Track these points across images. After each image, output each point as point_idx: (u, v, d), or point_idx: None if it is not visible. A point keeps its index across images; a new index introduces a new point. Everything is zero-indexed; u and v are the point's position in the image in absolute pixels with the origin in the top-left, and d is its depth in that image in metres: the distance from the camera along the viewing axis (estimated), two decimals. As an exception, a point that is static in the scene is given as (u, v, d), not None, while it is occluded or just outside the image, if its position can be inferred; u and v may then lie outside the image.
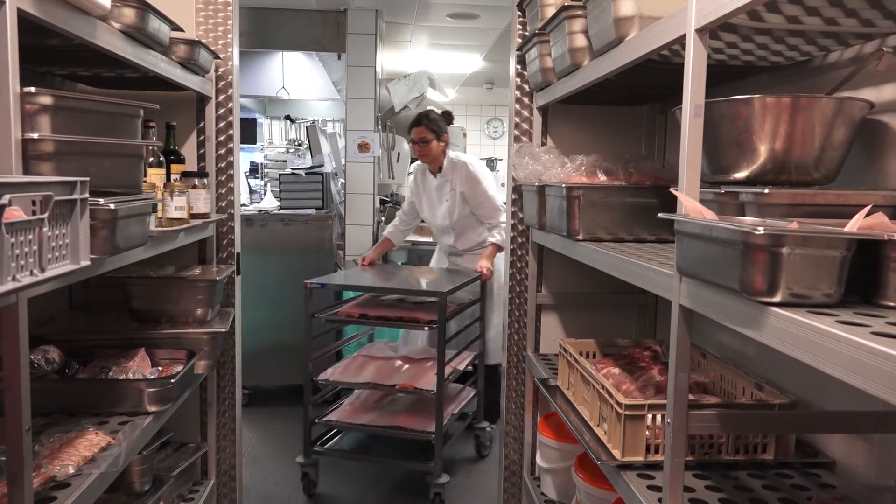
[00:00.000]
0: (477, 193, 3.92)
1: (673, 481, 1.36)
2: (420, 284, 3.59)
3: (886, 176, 1.53)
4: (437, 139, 3.92)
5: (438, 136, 3.92)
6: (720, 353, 2.10)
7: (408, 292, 3.45)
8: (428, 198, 4.09)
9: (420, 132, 3.90)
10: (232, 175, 2.83)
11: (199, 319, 2.44)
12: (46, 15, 1.41)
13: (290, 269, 4.60)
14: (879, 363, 0.80)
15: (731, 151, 1.48)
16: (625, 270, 1.71)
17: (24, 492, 1.32)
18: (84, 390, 1.99)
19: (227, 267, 2.74)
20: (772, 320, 1.03)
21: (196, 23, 2.72)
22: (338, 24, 5.31)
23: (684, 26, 1.33)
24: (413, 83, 5.51)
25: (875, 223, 1.04)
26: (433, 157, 3.96)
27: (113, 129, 1.70)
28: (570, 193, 2.10)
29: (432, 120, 3.92)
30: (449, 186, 3.98)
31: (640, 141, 2.85)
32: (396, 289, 3.47)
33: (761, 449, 1.69)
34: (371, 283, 3.62)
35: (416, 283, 3.62)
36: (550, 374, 2.48)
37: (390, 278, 3.75)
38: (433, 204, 4.07)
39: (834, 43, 1.60)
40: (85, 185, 1.30)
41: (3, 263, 1.04)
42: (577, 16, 2.03)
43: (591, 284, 2.84)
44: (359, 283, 3.64)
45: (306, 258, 4.75)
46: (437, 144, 3.92)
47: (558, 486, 2.62)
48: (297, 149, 7.41)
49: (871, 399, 0.84)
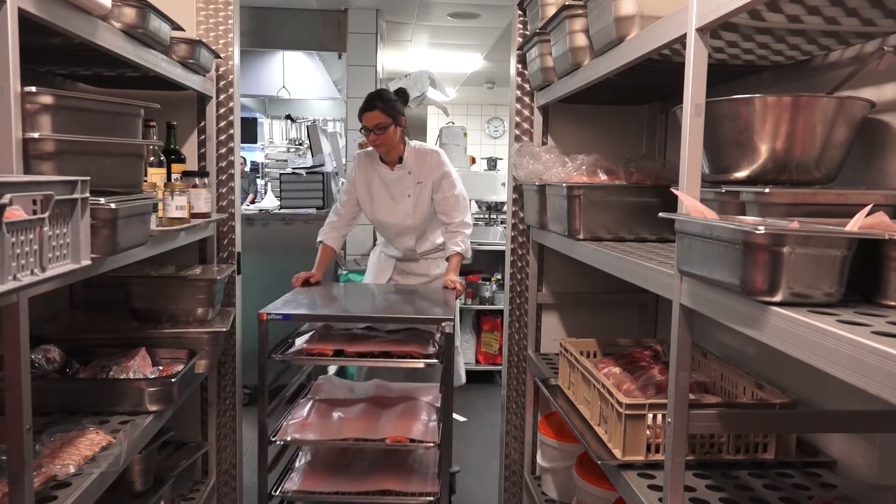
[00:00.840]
0: (448, 187, 3.21)
1: (673, 481, 1.36)
2: (407, 308, 2.84)
3: (887, 175, 1.53)
4: (394, 124, 3.08)
5: (396, 119, 3.09)
6: (721, 352, 2.10)
7: (408, 320, 2.67)
8: (381, 194, 3.26)
9: (374, 117, 3.05)
10: (232, 175, 2.83)
11: (199, 319, 2.45)
12: (47, 14, 1.41)
13: (291, 268, 4.57)
14: (880, 362, 0.80)
15: (732, 151, 1.48)
16: (625, 270, 1.71)
17: (25, 491, 1.32)
18: (85, 389, 1.99)
19: (228, 266, 2.74)
20: (772, 320, 1.03)
21: (197, 22, 2.73)
22: (338, 23, 5.32)
23: (685, 26, 1.33)
24: (414, 82, 5.51)
25: (876, 222, 1.04)
26: (392, 146, 3.15)
27: (113, 129, 1.70)
28: (570, 193, 2.10)
29: (387, 101, 3.09)
30: (412, 179, 3.21)
31: (640, 140, 2.85)
32: (395, 317, 2.66)
33: (762, 448, 1.69)
34: (352, 312, 2.76)
35: (401, 308, 2.86)
36: (551, 374, 2.48)
37: (363, 303, 2.98)
38: (390, 201, 3.25)
39: (835, 42, 1.60)
40: (85, 184, 1.30)
41: (4, 263, 1.04)
42: (577, 15, 2.03)
43: (591, 284, 2.83)
44: (333, 311, 2.76)
45: (307, 258, 4.72)
46: (395, 130, 3.10)
47: (559, 486, 2.62)
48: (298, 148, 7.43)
49: (871, 398, 0.84)
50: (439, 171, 3.20)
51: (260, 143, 8.07)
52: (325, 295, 2.97)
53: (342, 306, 2.87)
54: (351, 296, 3.12)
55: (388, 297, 3.07)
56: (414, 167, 3.21)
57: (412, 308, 2.82)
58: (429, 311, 2.61)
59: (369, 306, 2.90)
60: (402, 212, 3.24)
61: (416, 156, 3.22)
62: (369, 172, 3.27)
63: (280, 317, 2.40)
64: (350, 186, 3.31)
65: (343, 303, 2.95)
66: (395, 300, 3.01)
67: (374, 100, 3.08)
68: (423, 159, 3.22)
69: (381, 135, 3.07)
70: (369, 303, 2.96)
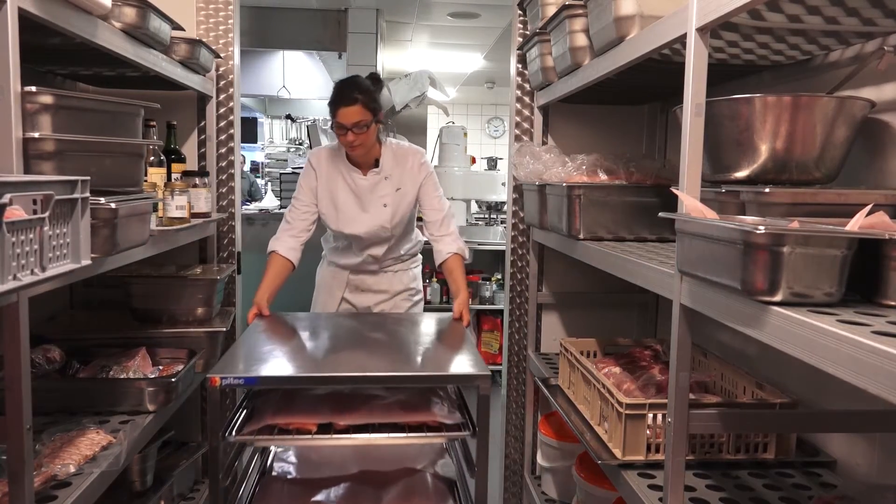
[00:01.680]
0: (433, 188, 2.66)
1: (674, 480, 1.36)
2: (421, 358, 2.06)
3: (887, 175, 1.53)
4: (375, 120, 2.48)
5: (376, 114, 2.49)
6: (721, 352, 2.10)
7: (428, 379, 1.96)
8: (349, 204, 2.62)
9: (354, 114, 2.41)
10: (233, 174, 2.83)
11: (199, 318, 2.44)
12: (47, 14, 1.41)
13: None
14: (880, 362, 0.80)
15: (732, 150, 1.48)
16: (626, 269, 1.71)
17: (25, 490, 1.33)
18: (85, 389, 1.99)
19: (228, 266, 2.74)
20: (773, 319, 1.03)
21: (197, 22, 2.73)
22: (338, 23, 5.32)
23: (685, 25, 1.33)
24: (414, 82, 5.51)
25: (876, 222, 1.04)
26: (369, 147, 2.55)
27: (114, 129, 1.69)
28: (571, 192, 2.10)
29: (368, 92, 2.46)
30: (390, 185, 2.61)
31: (640, 140, 2.85)
32: (409, 376, 1.88)
33: (762, 448, 1.68)
34: (345, 365, 1.95)
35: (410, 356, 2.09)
36: (551, 374, 2.48)
37: (353, 348, 2.13)
38: (361, 213, 2.62)
39: (835, 42, 1.60)
40: (86, 184, 1.30)
41: (4, 262, 1.04)
42: (577, 15, 2.02)
43: (591, 283, 2.83)
44: (317, 367, 1.96)
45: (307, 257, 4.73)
46: (374, 128, 2.50)
47: (559, 486, 2.62)
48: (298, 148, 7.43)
49: (871, 398, 0.84)
50: (423, 173, 2.64)
51: (260, 142, 8.07)
52: (295, 336, 2.28)
53: (327, 357, 2.10)
54: (331, 335, 2.30)
55: (382, 337, 2.28)
56: (393, 171, 2.61)
57: (428, 357, 2.08)
58: (454, 363, 1.98)
59: (363, 353, 2.08)
60: (376, 223, 2.62)
61: (394, 157, 2.62)
62: (333, 177, 2.62)
63: (240, 382, 1.75)
64: (306, 193, 2.63)
65: (325, 349, 2.17)
66: (396, 342, 2.24)
67: (352, 90, 2.43)
68: (404, 161, 2.63)
69: (360, 134, 2.45)
70: (361, 347, 2.14)
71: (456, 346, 2.15)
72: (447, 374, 1.93)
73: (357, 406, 1.90)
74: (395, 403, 1.92)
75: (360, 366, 1.93)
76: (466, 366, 1.91)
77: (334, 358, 2.10)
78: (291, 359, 2.04)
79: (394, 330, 2.39)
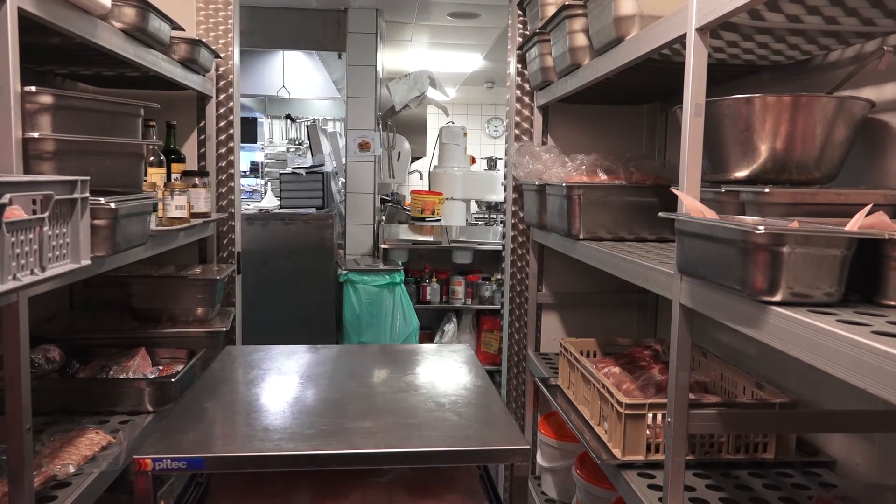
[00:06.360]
0: None
1: (673, 480, 1.36)
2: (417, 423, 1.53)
3: (887, 175, 1.53)
4: None
5: None
6: (721, 352, 2.10)
7: (446, 457, 1.42)
8: None
9: None
10: (232, 174, 2.83)
11: (199, 318, 2.44)
12: (47, 14, 1.40)
13: (291, 268, 4.60)
14: (880, 362, 0.80)
15: (732, 150, 1.48)
16: (625, 269, 1.71)
17: (25, 490, 1.32)
18: (85, 389, 1.99)
19: (228, 266, 2.74)
20: (772, 319, 1.03)
21: (196, 22, 2.73)
22: (338, 23, 5.32)
23: (685, 25, 1.33)
24: (414, 82, 5.51)
25: (876, 222, 1.04)
26: None
27: (113, 129, 1.69)
28: (570, 193, 2.10)
29: None
30: None
31: (640, 140, 2.85)
32: (420, 452, 1.40)
33: (762, 448, 1.69)
34: (332, 442, 1.39)
35: (415, 425, 1.52)
36: (551, 374, 2.48)
37: (333, 406, 1.63)
38: None
39: (835, 42, 1.60)
40: (85, 184, 1.30)
41: (4, 262, 1.04)
42: (577, 15, 2.02)
43: (591, 284, 2.83)
44: (291, 441, 1.41)
45: (307, 257, 4.75)
46: None
47: (559, 486, 2.62)
48: (298, 148, 7.43)
49: (871, 398, 0.84)
50: None
51: (260, 142, 8.06)
52: (267, 384, 1.75)
53: (308, 420, 1.52)
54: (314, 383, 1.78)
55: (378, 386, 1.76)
56: None
57: (442, 420, 1.52)
58: (480, 431, 1.43)
59: (356, 415, 1.55)
60: None
61: None
62: None
63: (182, 466, 1.33)
64: None
65: (306, 408, 1.61)
66: (398, 397, 1.67)
67: None
68: None
69: None
70: (354, 403, 1.63)
71: (479, 402, 1.60)
72: (470, 451, 1.41)
73: (347, 489, 1.44)
74: (399, 483, 1.49)
75: (351, 442, 1.37)
76: (496, 434, 1.41)
77: (318, 423, 1.51)
78: (259, 424, 1.50)
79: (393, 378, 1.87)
